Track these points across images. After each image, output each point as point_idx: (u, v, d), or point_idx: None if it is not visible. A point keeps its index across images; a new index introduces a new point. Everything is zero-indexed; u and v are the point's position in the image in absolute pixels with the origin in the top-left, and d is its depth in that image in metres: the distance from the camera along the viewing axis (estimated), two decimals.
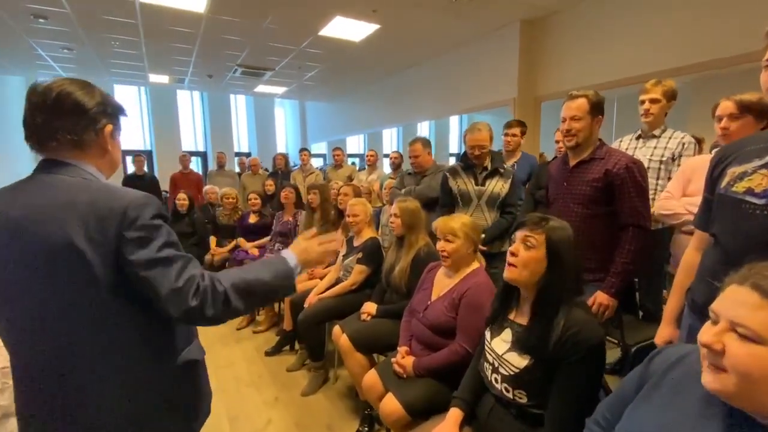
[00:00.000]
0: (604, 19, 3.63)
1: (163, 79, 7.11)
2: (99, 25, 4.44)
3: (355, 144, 11.31)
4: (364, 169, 5.51)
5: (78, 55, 5.61)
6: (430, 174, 2.74)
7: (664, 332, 1.34)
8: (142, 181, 5.21)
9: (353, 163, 8.32)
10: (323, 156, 11.01)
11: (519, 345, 1.08)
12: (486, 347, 1.20)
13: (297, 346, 2.79)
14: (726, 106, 1.64)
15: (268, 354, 2.82)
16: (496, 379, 1.14)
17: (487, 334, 1.21)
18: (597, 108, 1.69)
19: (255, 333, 3.20)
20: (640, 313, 2.33)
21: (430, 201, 2.62)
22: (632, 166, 1.63)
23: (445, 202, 2.43)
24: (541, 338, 1.01)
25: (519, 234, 1.13)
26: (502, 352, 1.12)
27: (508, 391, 1.10)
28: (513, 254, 1.11)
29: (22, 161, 6.84)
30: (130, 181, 5.29)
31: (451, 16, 4.14)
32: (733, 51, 2.81)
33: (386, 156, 9.95)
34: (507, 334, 1.14)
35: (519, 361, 1.06)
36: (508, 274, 1.12)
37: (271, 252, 3.48)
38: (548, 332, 1.01)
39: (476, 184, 2.29)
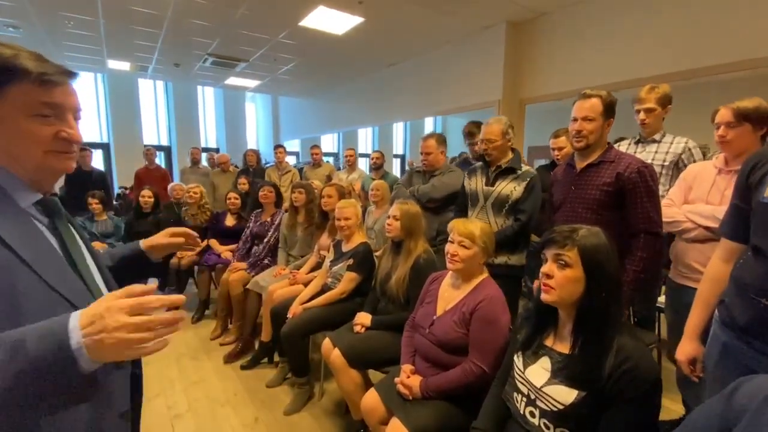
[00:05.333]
0: (591, 23, 3.64)
1: (124, 65, 6.56)
2: (51, 0, 3.99)
3: (329, 142, 11.04)
4: (340, 168, 5.33)
5: (26, 35, 5.05)
6: (439, 174, 2.55)
7: (687, 348, 1.27)
8: (90, 178, 4.65)
9: (327, 161, 8.09)
10: (296, 154, 10.67)
11: (565, 377, 0.95)
12: (518, 376, 1.06)
13: (276, 358, 2.58)
14: (723, 114, 1.60)
15: (244, 368, 2.58)
16: (531, 413, 1.01)
17: (518, 361, 1.07)
18: (610, 109, 1.63)
19: (222, 345, 2.91)
20: (633, 319, 2.32)
21: (432, 204, 2.48)
22: (644, 170, 1.57)
23: (459, 202, 2.27)
24: (592, 371, 0.89)
25: (549, 253, 1.01)
26: (541, 384, 0.99)
27: (548, 428, 0.97)
28: (548, 276, 0.99)
29: None
30: (75, 177, 4.64)
31: (437, 12, 4.04)
32: (721, 59, 2.87)
33: (361, 156, 9.80)
34: (545, 363, 1.01)
35: (565, 396, 0.94)
36: (545, 296, 1.00)
37: (248, 255, 3.21)
38: (599, 364, 0.89)
39: (486, 184, 2.10)
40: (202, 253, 3.52)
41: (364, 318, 1.90)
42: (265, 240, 3.15)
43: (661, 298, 2.29)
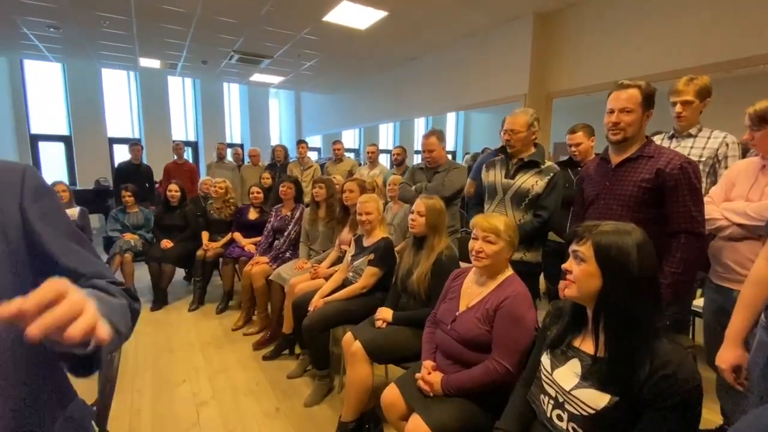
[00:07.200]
0: (622, 12, 3.49)
1: (155, 63, 6.77)
2: (89, 1, 4.15)
3: (350, 138, 11.07)
4: (362, 164, 5.32)
5: (65, 35, 5.28)
6: (443, 170, 2.54)
7: (729, 355, 1.19)
8: (138, 171, 5.00)
9: (348, 157, 8.11)
10: (318, 150, 10.76)
11: (596, 380, 0.90)
12: (545, 378, 1.03)
13: (298, 350, 2.61)
14: (746, 115, 1.53)
15: (266, 359, 2.63)
16: (559, 416, 0.97)
17: (546, 362, 1.04)
18: (649, 100, 1.54)
19: (245, 335, 2.98)
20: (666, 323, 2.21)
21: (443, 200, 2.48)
22: (687, 166, 1.48)
23: (477, 193, 2.25)
24: (624, 374, 0.85)
25: (570, 248, 0.98)
26: (571, 387, 0.95)
27: None
28: (568, 271, 0.97)
29: (5, 142, 6.48)
30: (124, 169, 5.07)
31: (462, 4, 3.96)
32: (764, 49, 2.69)
33: (382, 152, 9.79)
34: (575, 366, 0.97)
35: (596, 401, 0.89)
36: (566, 291, 0.97)
37: (270, 248, 3.26)
38: (631, 367, 0.84)
39: (505, 177, 2.04)
40: (226, 245, 3.60)
41: (385, 313, 1.89)
42: (285, 234, 3.19)
43: (698, 301, 2.18)
